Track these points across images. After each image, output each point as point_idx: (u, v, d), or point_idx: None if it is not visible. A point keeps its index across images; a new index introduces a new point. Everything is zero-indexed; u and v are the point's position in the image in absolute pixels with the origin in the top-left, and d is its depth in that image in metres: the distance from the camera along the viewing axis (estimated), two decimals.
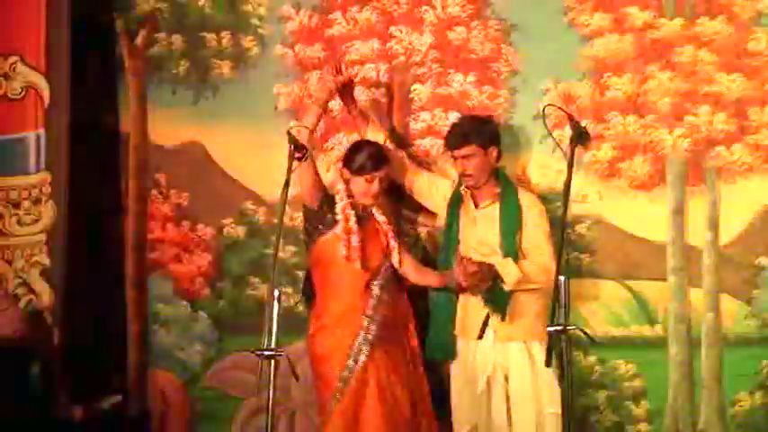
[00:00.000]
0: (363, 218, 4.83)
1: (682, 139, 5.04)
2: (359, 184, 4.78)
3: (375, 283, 4.78)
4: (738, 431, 4.99)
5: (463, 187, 4.88)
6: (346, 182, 4.81)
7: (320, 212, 4.82)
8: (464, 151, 4.78)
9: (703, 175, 5.03)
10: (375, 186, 4.76)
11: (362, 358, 4.69)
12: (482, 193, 4.86)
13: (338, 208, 4.78)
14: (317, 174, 4.89)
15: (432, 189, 5.01)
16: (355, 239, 4.75)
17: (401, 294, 4.92)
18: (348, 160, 4.81)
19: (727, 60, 4.99)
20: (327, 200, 4.83)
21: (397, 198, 5.12)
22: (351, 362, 4.69)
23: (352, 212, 4.78)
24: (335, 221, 4.77)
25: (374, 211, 4.85)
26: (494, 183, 4.85)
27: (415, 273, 4.91)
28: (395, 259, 4.83)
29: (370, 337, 4.71)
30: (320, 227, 4.81)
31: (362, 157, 4.77)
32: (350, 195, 4.80)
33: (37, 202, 5.51)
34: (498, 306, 4.71)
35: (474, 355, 4.79)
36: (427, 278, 4.91)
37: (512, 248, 4.74)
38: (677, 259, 5.05)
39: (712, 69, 5.00)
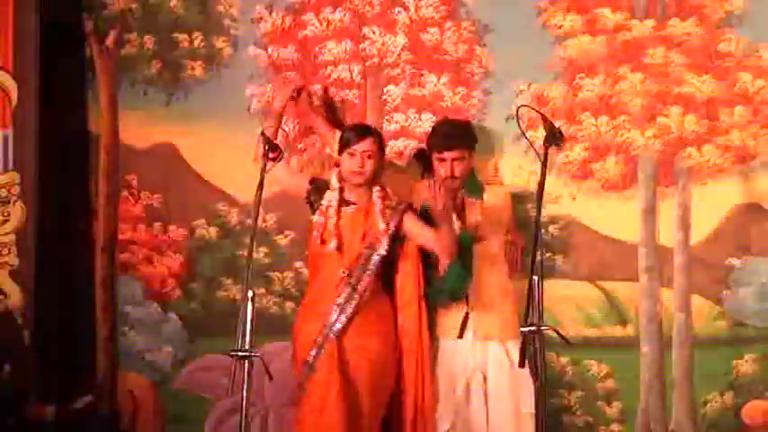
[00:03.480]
0: (354, 203, 4.75)
1: (653, 139, 5.08)
2: (346, 161, 4.73)
3: (352, 273, 4.68)
4: (710, 431, 5.03)
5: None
6: (338, 165, 4.76)
7: (312, 199, 4.82)
8: (456, 153, 4.78)
9: (674, 176, 5.07)
10: (358, 160, 4.68)
11: (326, 347, 4.60)
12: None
13: (326, 195, 4.76)
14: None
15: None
16: (331, 223, 4.69)
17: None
18: (339, 143, 4.79)
19: (698, 61, 5.04)
20: (318, 189, 4.81)
21: None
22: (313, 351, 4.64)
23: (336, 200, 4.72)
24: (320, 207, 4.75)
25: (374, 190, 4.73)
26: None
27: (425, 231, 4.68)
28: (383, 247, 4.65)
29: (336, 328, 4.62)
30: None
31: (347, 133, 4.76)
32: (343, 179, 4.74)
33: (5, 202, 5.46)
34: (456, 286, 4.69)
35: (453, 356, 4.79)
36: (425, 235, 4.68)
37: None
38: (649, 259, 5.08)
39: (683, 70, 5.04)
